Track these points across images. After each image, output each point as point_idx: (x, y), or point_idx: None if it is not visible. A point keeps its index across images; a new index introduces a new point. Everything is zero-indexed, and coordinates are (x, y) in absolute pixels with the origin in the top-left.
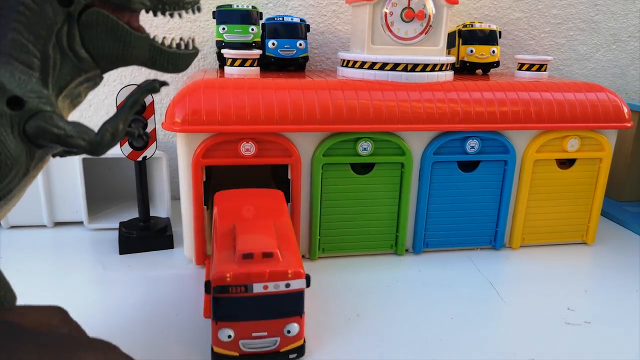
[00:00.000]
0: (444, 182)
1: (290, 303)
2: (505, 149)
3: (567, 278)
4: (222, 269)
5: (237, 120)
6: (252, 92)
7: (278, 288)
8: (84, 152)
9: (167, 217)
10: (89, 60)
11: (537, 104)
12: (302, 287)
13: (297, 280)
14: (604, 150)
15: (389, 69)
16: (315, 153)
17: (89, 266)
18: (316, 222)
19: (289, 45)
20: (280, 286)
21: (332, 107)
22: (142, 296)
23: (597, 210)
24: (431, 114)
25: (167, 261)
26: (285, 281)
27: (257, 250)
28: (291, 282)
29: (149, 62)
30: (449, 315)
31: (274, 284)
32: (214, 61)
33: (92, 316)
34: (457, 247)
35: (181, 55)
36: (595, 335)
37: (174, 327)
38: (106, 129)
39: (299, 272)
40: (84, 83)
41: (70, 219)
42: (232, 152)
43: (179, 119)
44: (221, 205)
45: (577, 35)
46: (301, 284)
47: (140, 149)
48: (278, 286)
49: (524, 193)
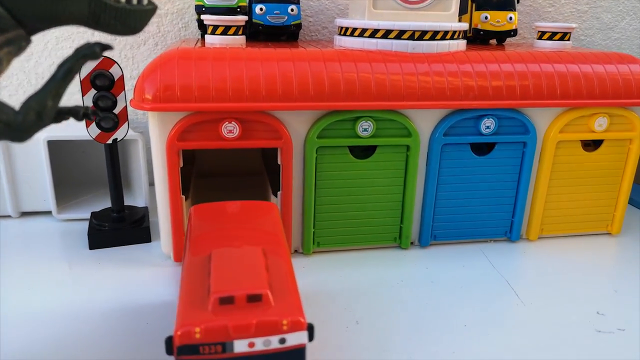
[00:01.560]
0: (454, 167)
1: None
2: (525, 129)
3: (593, 275)
4: (188, 321)
5: (217, 97)
6: (235, 64)
7: (269, 345)
8: (4, 137)
9: (145, 207)
10: (5, 15)
11: (562, 77)
12: (303, 343)
13: (296, 333)
14: (636, 130)
15: (393, 37)
16: (309, 135)
17: (55, 263)
18: (310, 212)
19: (279, 10)
20: (273, 342)
21: (327, 81)
22: (110, 299)
23: (624, 198)
24: (441, 89)
25: (142, 257)
26: (280, 335)
27: (240, 291)
28: (287, 336)
29: (90, 21)
30: (462, 322)
31: (264, 339)
32: (196, 30)
33: (54, 320)
34: (468, 239)
35: (132, 11)
36: (631, 346)
37: (144, 338)
38: (30, 106)
39: (299, 321)
40: (4, 47)
41: (38, 208)
42: (212, 133)
43: (149, 96)
44: (194, 224)
45: (600, 2)
46: (301, 338)
47: (110, 130)
48: (269, 342)
49: (544, 179)
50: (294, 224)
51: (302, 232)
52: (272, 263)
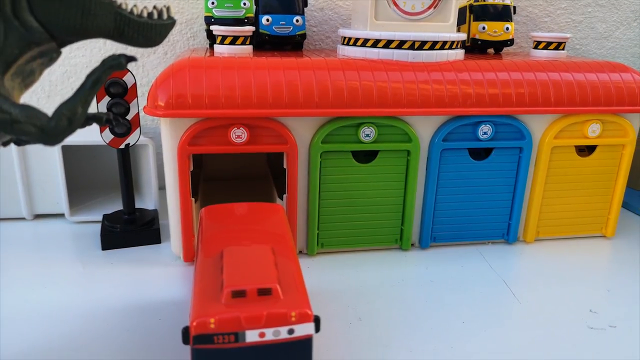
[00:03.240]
0: (453, 171)
1: (294, 354)
2: (520, 135)
3: (587, 276)
4: (204, 312)
5: (226, 104)
6: (243, 73)
7: (279, 335)
8: (37, 141)
9: (155, 209)
10: (39, 30)
11: (556, 85)
12: (310, 333)
13: (304, 324)
14: (628, 136)
15: (394, 46)
16: (313, 140)
17: (69, 263)
18: (314, 215)
19: (284, 21)
20: (282, 333)
21: (331, 89)
22: (123, 297)
23: (618, 201)
24: (440, 97)
25: (153, 257)
26: (288, 326)
27: (251, 285)
28: (296, 327)
29: (115, 34)
30: (460, 319)
31: (274, 330)
32: (204, 40)
33: (69, 319)
34: (467, 241)
35: (154, 26)
36: (622, 342)
37: (156, 334)
38: (62, 112)
39: (306, 313)
40: (38, 58)
41: (51, 210)
42: (221, 138)
43: (162, 103)
44: (206, 225)
45: (595, 12)
46: (308, 329)
47: (123, 135)
48: (278, 333)
49: (540, 183)
50: (298, 226)
51: (307, 234)
52: (280, 260)
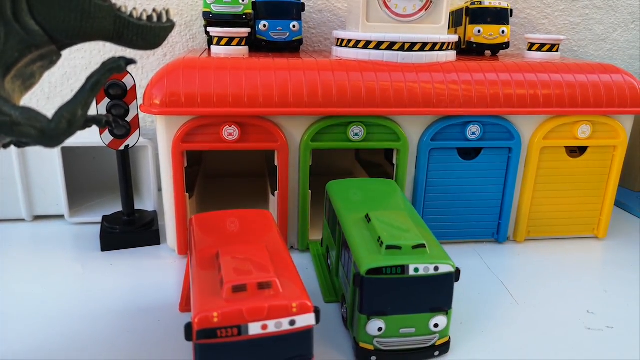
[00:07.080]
0: (442, 171)
1: (296, 345)
2: (509, 135)
3: (583, 276)
4: (206, 307)
5: (218, 103)
6: (235, 73)
7: (280, 327)
8: (37, 143)
9: (154, 210)
10: (40, 33)
11: (545, 86)
12: (311, 324)
13: (304, 315)
14: (619, 138)
15: (384, 48)
16: (303, 138)
17: (68, 264)
18: (305, 211)
19: (281, 27)
20: (284, 324)
21: (321, 88)
22: (122, 298)
23: (610, 202)
24: (428, 97)
25: (152, 258)
26: (290, 317)
27: (251, 279)
28: (297, 318)
29: (114, 37)
30: (458, 320)
31: (275, 322)
32: (204, 41)
33: (69, 320)
34: (456, 240)
35: (153, 28)
36: (619, 342)
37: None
38: (62, 115)
39: (306, 304)
40: (38, 61)
41: (51, 212)
42: (213, 136)
43: (157, 101)
44: (197, 231)
45: (593, 14)
46: (309, 320)
47: (122, 137)
48: (280, 324)
49: (529, 183)
50: (290, 222)
51: (298, 229)
52: (275, 256)
